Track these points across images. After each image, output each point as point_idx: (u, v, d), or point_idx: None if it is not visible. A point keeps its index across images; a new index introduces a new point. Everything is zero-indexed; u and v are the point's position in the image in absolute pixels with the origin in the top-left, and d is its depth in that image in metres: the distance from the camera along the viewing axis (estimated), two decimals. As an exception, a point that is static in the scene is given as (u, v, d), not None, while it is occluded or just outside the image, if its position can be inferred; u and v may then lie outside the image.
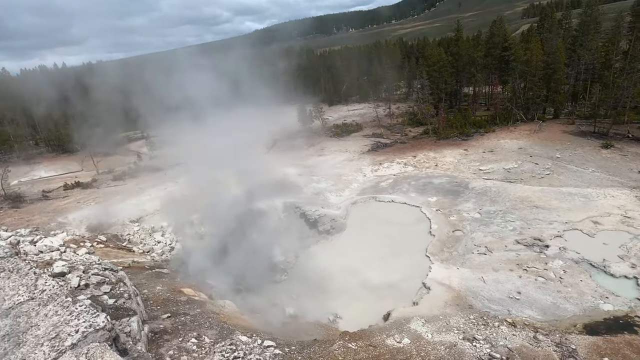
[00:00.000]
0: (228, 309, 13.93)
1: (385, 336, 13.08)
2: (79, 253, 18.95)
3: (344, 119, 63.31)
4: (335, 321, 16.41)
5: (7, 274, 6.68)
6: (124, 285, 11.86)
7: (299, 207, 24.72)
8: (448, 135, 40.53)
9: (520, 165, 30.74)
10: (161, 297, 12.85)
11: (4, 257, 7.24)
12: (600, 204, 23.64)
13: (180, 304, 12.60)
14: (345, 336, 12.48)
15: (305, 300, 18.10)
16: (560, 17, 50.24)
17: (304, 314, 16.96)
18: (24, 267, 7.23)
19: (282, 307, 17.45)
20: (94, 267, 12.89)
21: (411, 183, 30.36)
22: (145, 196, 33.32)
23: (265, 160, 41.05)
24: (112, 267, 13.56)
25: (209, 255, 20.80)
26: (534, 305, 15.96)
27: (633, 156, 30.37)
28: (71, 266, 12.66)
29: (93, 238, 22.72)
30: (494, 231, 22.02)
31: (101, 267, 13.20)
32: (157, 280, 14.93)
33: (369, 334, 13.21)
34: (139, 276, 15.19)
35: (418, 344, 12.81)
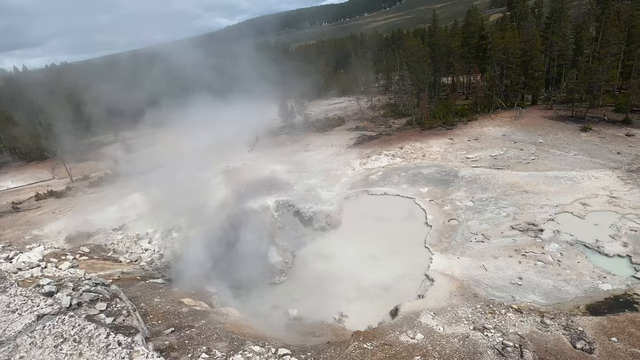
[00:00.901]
0: (232, 317, 13.24)
1: (398, 333, 12.78)
2: (62, 268, 17.72)
3: (326, 113, 62.76)
4: (341, 320, 16.01)
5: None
6: (120, 301, 10.98)
7: (293, 204, 24.09)
8: (432, 125, 40.74)
9: (506, 151, 31.21)
10: (161, 310, 12.01)
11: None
12: (586, 186, 24.28)
13: (182, 316, 11.81)
14: (359, 336, 12.08)
15: (307, 300, 17.59)
16: (532, 5, 51.32)
17: (308, 315, 16.46)
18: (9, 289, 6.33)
19: (285, 309, 16.88)
20: (83, 283, 11.90)
21: (401, 174, 30.26)
22: (127, 202, 31.75)
23: (250, 158, 40.09)
24: (103, 282, 12.59)
25: (203, 260, 19.92)
26: (536, 289, 16.10)
27: (611, 138, 31.43)
28: (59, 283, 11.62)
29: (75, 250, 21.31)
30: (488, 218, 22.18)
31: (91, 282, 12.21)
32: (153, 291, 14.01)
33: (381, 332, 12.87)
34: (132, 288, 14.22)
35: (432, 339, 12.59)
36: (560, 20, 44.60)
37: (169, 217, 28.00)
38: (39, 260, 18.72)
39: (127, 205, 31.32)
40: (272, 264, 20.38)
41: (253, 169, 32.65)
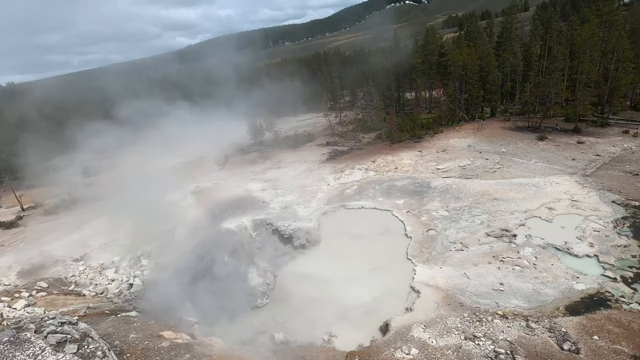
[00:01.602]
0: (217, 347, 12.33)
1: (392, 350, 12.48)
2: (17, 307, 15.92)
3: (295, 129, 62.81)
4: (330, 340, 15.46)
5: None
6: (92, 341, 9.90)
7: (271, 223, 23.42)
8: (401, 139, 41.87)
9: (473, 161, 32.56)
10: (138, 346, 10.92)
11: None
12: (550, 191, 25.71)
13: (163, 351, 10.81)
14: (354, 357, 11.64)
15: (292, 322, 16.89)
16: (484, 25, 55.12)
17: (295, 338, 15.76)
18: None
19: (270, 334, 16.07)
20: (47, 324, 10.65)
21: (376, 187, 30.56)
22: (88, 229, 29.49)
23: (221, 177, 38.92)
24: (69, 320, 11.35)
25: (178, 287, 18.69)
26: (518, 294, 16.52)
27: (565, 145, 33.80)
28: (17, 326, 10.29)
29: (31, 286, 19.21)
30: (464, 227, 22.75)
31: (56, 321, 10.95)
32: (127, 326, 12.77)
33: (376, 351, 12.51)
34: (103, 325, 12.90)
35: (427, 352, 12.40)
36: (510, 40, 48.18)
37: (136, 244, 26.24)
38: (-12, 300, 16.67)
39: (88, 232, 29.07)
40: (253, 287, 19.48)
41: (226, 189, 31.64)
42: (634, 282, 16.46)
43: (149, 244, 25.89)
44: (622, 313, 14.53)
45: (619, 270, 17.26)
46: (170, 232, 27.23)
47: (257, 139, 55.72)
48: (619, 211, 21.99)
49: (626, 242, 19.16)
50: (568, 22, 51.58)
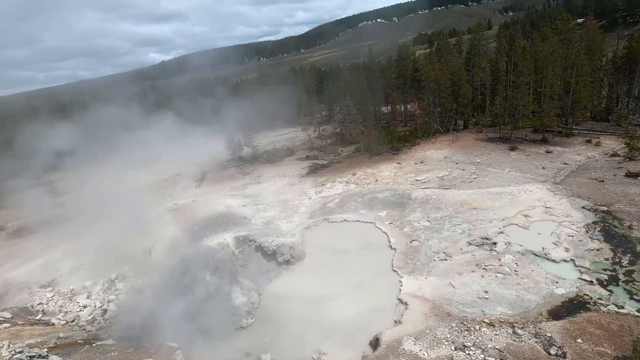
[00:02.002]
0: (203, 373, 11.70)
1: (385, 364, 12.26)
2: (-22, 341, 14.50)
3: (274, 144, 62.61)
4: (320, 359, 15.03)
5: None
6: (68, 375, 9.12)
7: (254, 239, 22.90)
8: (380, 151, 42.51)
9: (450, 172, 33.42)
10: (118, 377, 10.18)
11: None
12: (524, 199, 26.65)
13: (145, 381, 10.11)
14: (347, 374, 11.34)
15: (280, 342, 16.37)
16: (454, 42, 57.65)
17: (283, 358, 15.23)
18: None
19: (257, 355, 15.46)
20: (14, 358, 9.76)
21: (358, 200, 30.67)
22: (57, 253, 27.82)
23: (199, 194, 37.95)
24: (39, 353, 10.50)
25: (157, 310, 17.77)
26: (502, 301, 16.79)
27: (535, 155, 35.37)
28: (-20, 363, 9.37)
29: (-8, 317, 17.71)
30: (446, 236, 23.10)
31: (24, 355, 10.08)
32: (103, 356, 11.91)
33: (368, 366, 12.25)
34: (77, 356, 11.97)
35: (419, 365, 12.26)
36: (478, 56, 50.60)
37: (110, 266, 24.92)
38: (-58, 335, 15.14)
39: (57, 256, 27.40)
40: (237, 306, 18.82)
41: (205, 205, 30.83)
42: (609, 284, 17.13)
43: (124, 266, 24.68)
44: (601, 315, 15.02)
45: (594, 273, 17.94)
46: (146, 252, 26.12)
47: (236, 155, 55.01)
48: (589, 216, 23.03)
49: (598, 245, 20.02)
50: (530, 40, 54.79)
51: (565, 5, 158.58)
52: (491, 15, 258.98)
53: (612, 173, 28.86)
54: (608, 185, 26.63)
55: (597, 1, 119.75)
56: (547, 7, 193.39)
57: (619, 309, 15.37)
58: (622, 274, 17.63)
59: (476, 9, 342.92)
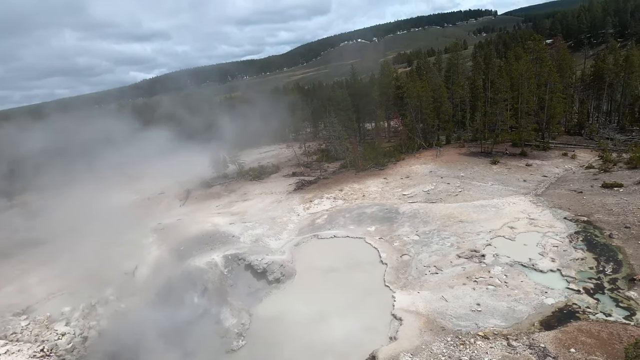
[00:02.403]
0: (195, 401, 11.13)
1: (384, 383, 12.00)
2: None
3: (259, 161, 62.33)
4: (315, 380, 14.61)
5: None
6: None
7: (243, 257, 22.40)
8: (366, 167, 42.94)
9: (436, 186, 33.98)
10: (105, 409, 9.54)
11: None
12: (508, 211, 27.28)
13: (134, 412, 9.52)
14: (346, 395, 11.02)
15: (273, 364, 15.85)
16: (433, 61, 59.77)
17: (277, 381, 14.72)
18: None
19: (250, 379, 14.90)
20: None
21: (346, 216, 30.67)
22: (32, 277, 26.43)
23: (184, 213, 37.10)
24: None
25: (143, 335, 16.96)
26: (494, 313, 16.88)
27: (515, 168, 36.49)
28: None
29: (-39, 350, 16.47)
30: (435, 250, 23.26)
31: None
32: (87, 387, 11.19)
33: (367, 385, 11.96)
34: (58, 388, 11.20)
35: (418, 382, 12.06)
36: (457, 74, 52.59)
37: (91, 290, 23.79)
38: None
39: (32, 281, 26.01)
40: (227, 328, 18.20)
41: (191, 224, 30.14)
42: (595, 292, 17.52)
43: (106, 289, 23.63)
44: (590, 324, 15.28)
45: (581, 282, 18.35)
46: (129, 274, 25.14)
47: (221, 172, 54.40)
48: (571, 227, 23.72)
49: (582, 255, 20.56)
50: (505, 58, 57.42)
51: (534, 27, 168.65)
52: (466, 35, 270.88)
53: (590, 184, 30.02)
54: (586, 196, 27.62)
55: (562, 24, 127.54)
56: (518, 28, 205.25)
57: (607, 317, 15.69)
58: (607, 282, 18.09)
59: (452, 30, 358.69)
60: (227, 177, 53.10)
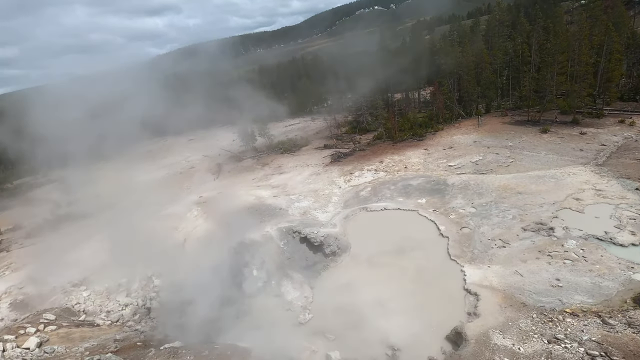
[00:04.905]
0: (288, 377, 10.69)
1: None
2: (29, 347, 13.52)
3: (286, 134, 61.15)
4: (395, 356, 14.07)
5: None
6: (167, 387, 8.03)
7: (298, 230, 21.79)
8: (402, 138, 41.27)
9: (484, 157, 32.26)
10: (209, 386, 9.13)
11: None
12: (570, 182, 25.58)
13: (239, 389, 9.07)
14: (451, 374, 10.36)
15: (345, 339, 15.37)
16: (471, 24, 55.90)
17: (354, 356, 14.27)
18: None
19: (325, 353, 14.48)
20: (96, 369, 8.64)
21: (391, 188, 29.57)
22: (83, 250, 26.68)
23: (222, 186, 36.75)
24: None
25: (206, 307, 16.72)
26: (578, 289, 15.81)
27: (569, 137, 34.21)
28: (61, 376, 8.26)
29: (36, 320, 16.62)
30: (497, 223, 22.07)
31: (105, 364, 8.96)
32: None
33: (466, 364, 11.27)
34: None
35: (522, 362, 11.29)
36: (497, 36, 49.02)
37: (141, 262, 23.80)
38: (-14, 340, 14.10)
39: (83, 254, 26.27)
40: (291, 301, 17.81)
41: (233, 197, 29.64)
42: (687, 267, 16.16)
43: (158, 262, 23.54)
44: (692, 301, 14.06)
45: (669, 256, 16.96)
46: (179, 247, 25.03)
47: (249, 146, 53.68)
48: (646, 198, 22.00)
49: (664, 228, 19.02)
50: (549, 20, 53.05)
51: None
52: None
53: (657, 153, 27.80)
54: (657, 166, 25.57)
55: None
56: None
57: None
58: (698, 256, 16.65)
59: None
60: (256, 150, 52.35)
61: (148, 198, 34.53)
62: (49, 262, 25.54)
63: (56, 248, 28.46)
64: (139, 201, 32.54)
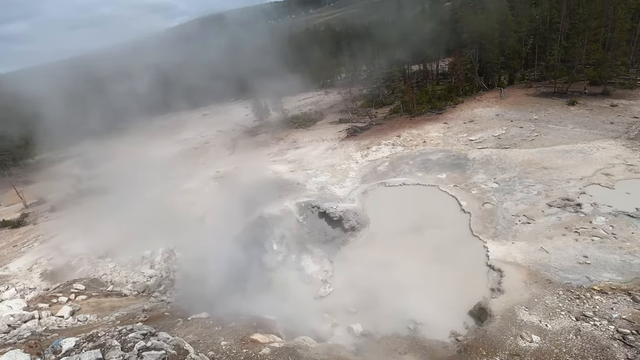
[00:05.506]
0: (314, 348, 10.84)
1: (512, 338, 11.20)
2: (63, 315, 14.05)
3: (299, 108, 60.23)
4: (417, 329, 14.14)
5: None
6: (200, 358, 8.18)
7: (317, 205, 21.69)
8: (421, 111, 40.07)
9: (507, 130, 31.12)
10: (238, 356, 9.32)
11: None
12: (599, 157, 24.51)
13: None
14: (478, 350, 10.31)
15: (367, 312, 15.52)
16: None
17: (376, 329, 14.40)
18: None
19: (347, 325, 14.67)
20: (130, 338, 8.85)
21: (409, 163, 28.99)
22: (106, 223, 27.25)
23: (238, 161, 36.75)
24: (150, 331, 9.59)
25: (229, 281, 17.02)
26: (607, 266, 15.38)
27: (598, 110, 32.55)
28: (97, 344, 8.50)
29: (67, 289, 17.26)
30: (521, 198, 21.47)
31: (138, 334, 9.18)
32: (207, 331, 11.13)
33: (492, 340, 11.21)
34: (179, 331, 11.21)
35: (550, 339, 11.17)
36: (524, 2, 46.08)
37: (162, 235, 24.29)
38: (23, 308, 14.77)
39: (107, 226, 26.87)
40: (311, 275, 17.98)
41: (250, 172, 29.62)
42: None
43: (179, 235, 24.00)
44: None
45: None
46: (199, 221, 25.36)
47: (264, 120, 53.20)
48: (681, 173, 20.96)
49: (701, 205, 18.16)
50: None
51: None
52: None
53: (696, 126, 26.23)
54: (695, 139, 24.19)
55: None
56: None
57: None
58: None
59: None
60: (270, 125, 51.86)
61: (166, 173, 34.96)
62: (74, 235, 26.36)
63: (80, 221, 29.27)
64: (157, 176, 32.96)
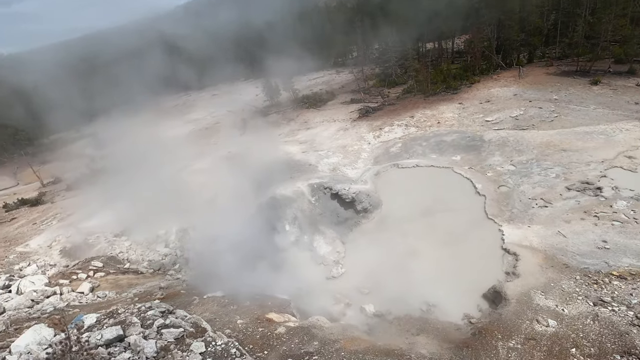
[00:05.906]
0: (328, 327, 10.94)
1: (528, 322, 11.12)
2: (83, 291, 14.44)
3: (310, 88, 59.26)
4: (430, 310, 14.19)
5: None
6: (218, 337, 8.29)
7: (329, 187, 21.57)
8: (435, 91, 39.03)
9: (525, 111, 30.15)
10: (255, 335, 9.45)
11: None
12: (622, 139, 23.63)
13: (284, 340, 9.36)
14: (493, 334, 10.27)
15: (379, 293, 15.62)
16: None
17: (389, 310, 14.49)
18: None
19: (360, 306, 14.79)
20: (150, 315, 9.02)
21: (423, 144, 28.46)
22: (120, 202, 27.66)
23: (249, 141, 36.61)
24: (168, 309, 9.76)
25: (244, 261, 17.19)
26: (627, 252, 15.01)
27: (623, 89, 31.18)
28: (118, 320, 8.68)
29: (86, 266, 17.73)
30: (538, 181, 20.95)
31: (157, 311, 9.35)
32: (223, 310, 11.33)
33: (507, 324, 11.15)
34: (195, 309, 11.43)
35: (567, 324, 11.05)
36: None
37: (178, 215, 24.60)
38: (45, 284, 15.23)
39: (121, 206, 27.31)
40: (323, 255, 18.07)
41: (262, 153, 29.47)
42: None
43: (192, 215, 24.26)
44: None
45: None
46: (211, 201, 25.51)
47: (274, 100, 52.66)
48: None
49: None
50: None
51: None
52: None
53: None
54: None
55: None
56: None
57: None
58: None
59: None
60: (280, 105, 51.36)
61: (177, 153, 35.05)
62: (90, 213, 26.91)
63: (96, 200, 29.82)
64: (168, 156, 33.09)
